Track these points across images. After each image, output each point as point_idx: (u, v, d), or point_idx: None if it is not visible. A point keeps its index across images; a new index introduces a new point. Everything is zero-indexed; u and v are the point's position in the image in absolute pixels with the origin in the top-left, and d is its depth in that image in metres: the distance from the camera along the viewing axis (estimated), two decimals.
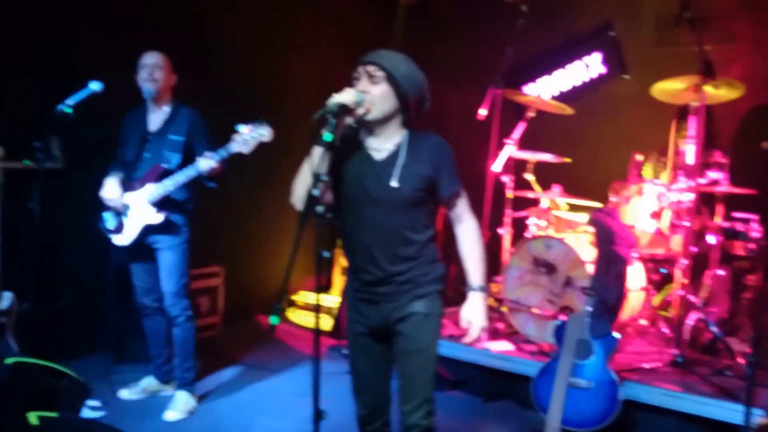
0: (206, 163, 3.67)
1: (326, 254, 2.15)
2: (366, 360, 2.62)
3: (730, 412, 3.42)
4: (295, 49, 6.06)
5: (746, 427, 3.15)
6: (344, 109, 2.34)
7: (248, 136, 3.58)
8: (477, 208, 2.72)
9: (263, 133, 3.59)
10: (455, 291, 4.40)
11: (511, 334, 4.49)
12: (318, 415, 2.19)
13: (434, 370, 2.54)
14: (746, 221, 4.36)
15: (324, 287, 6.38)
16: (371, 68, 2.42)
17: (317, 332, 2.19)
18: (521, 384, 3.93)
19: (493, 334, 4.49)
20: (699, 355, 4.24)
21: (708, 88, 4.21)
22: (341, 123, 2.36)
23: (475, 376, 4.33)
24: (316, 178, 2.21)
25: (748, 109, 5.41)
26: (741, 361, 3.90)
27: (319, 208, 2.15)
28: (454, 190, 2.52)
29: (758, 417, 3.24)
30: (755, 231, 4.30)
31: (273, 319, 2.09)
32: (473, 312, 2.51)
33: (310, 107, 2.30)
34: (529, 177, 4.88)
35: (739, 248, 4.45)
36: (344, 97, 2.33)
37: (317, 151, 2.29)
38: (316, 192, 2.17)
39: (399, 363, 2.54)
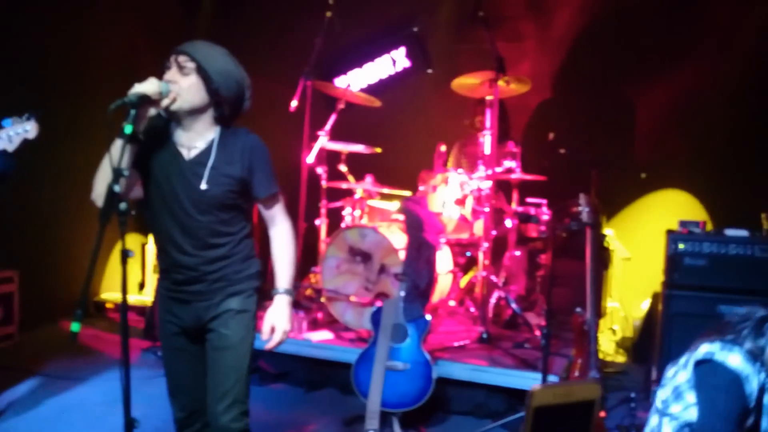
0: None
1: (130, 253, 2.03)
2: (181, 361, 2.52)
3: (530, 380, 3.73)
4: (96, 36, 5.63)
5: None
6: (146, 100, 2.20)
7: (12, 132, 3.25)
8: (293, 200, 2.72)
9: (28, 129, 3.26)
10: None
11: (331, 323, 4.56)
12: (130, 424, 2.07)
13: (247, 368, 2.46)
14: (538, 206, 4.78)
15: (139, 286, 6.07)
16: (182, 58, 2.31)
17: (125, 335, 2.07)
18: (342, 371, 4.00)
19: (313, 324, 4.54)
20: (502, 330, 4.59)
21: (501, 83, 4.54)
22: (143, 114, 2.23)
23: (297, 367, 4.34)
24: (117, 173, 2.05)
25: (536, 103, 5.93)
26: (538, 333, 4.27)
27: (122, 205, 2.01)
28: (268, 192, 2.46)
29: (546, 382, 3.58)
30: (545, 214, 4.73)
31: (74, 326, 1.91)
32: (277, 316, 2.48)
33: (112, 97, 2.15)
34: (343, 168, 4.97)
35: (532, 230, 4.87)
36: (146, 87, 2.21)
37: (117, 144, 2.15)
38: (117, 188, 2.03)
39: (210, 361, 2.44)
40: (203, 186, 2.33)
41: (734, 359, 2.25)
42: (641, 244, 5.38)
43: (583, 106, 5.62)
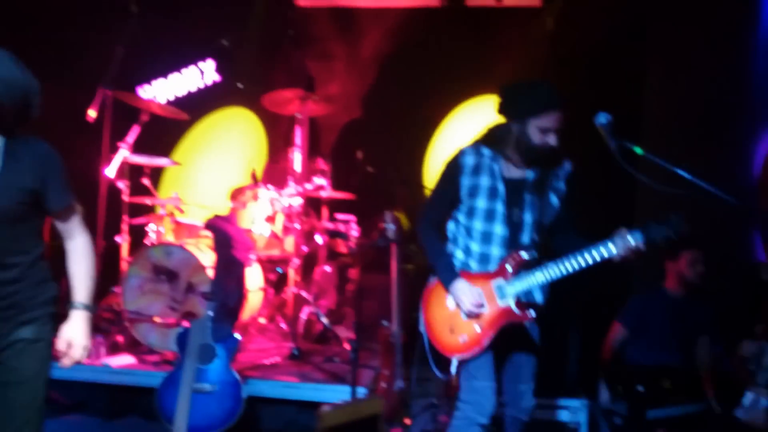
0: None
1: None
2: None
3: (340, 394, 3.79)
4: None
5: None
6: None
7: None
8: (90, 216, 2.55)
9: None
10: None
11: (133, 347, 4.31)
12: None
13: (41, 405, 2.28)
14: (347, 222, 4.89)
15: None
16: None
17: None
18: (146, 397, 3.78)
19: (113, 348, 4.26)
20: (313, 345, 4.62)
21: (310, 101, 4.60)
22: None
23: (95, 396, 4.04)
24: None
25: (344, 122, 6.07)
26: (347, 346, 4.35)
27: None
28: (64, 204, 2.30)
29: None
30: (354, 231, 4.85)
31: None
32: (74, 332, 2.33)
33: None
34: (146, 182, 4.74)
35: (342, 246, 4.97)
36: None
37: None
38: None
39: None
40: None
41: None
42: None
43: (390, 126, 5.84)
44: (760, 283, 4.15)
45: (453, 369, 2.87)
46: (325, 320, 4.60)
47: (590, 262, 2.69)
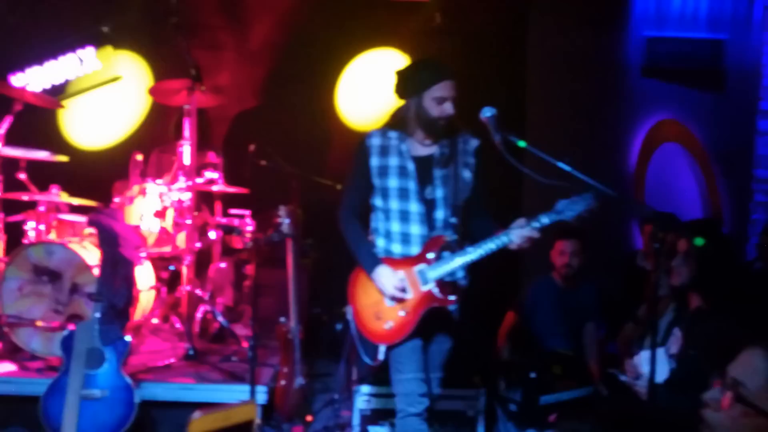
0: None
1: None
2: None
3: (238, 393, 3.73)
4: None
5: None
6: None
7: None
8: None
9: None
10: None
11: (13, 353, 4.05)
12: None
13: None
14: (242, 217, 4.78)
15: None
16: None
17: None
18: (29, 406, 3.57)
19: None
20: (210, 344, 4.51)
21: (199, 92, 4.45)
22: None
23: None
24: None
25: (236, 113, 5.93)
26: (245, 345, 4.27)
27: None
28: None
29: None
30: (249, 225, 4.75)
31: None
32: None
33: None
34: (23, 177, 4.42)
35: (237, 242, 4.86)
36: None
37: None
38: None
39: None
40: None
41: None
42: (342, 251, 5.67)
43: (283, 118, 5.75)
44: (638, 269, 4.44)
45: (381, 356, 2.87)
46: (221, 318, 4.49)
47: (498, 246, 2.76)
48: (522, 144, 2.73)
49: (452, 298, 2.85)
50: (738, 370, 2.62)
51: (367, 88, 5.78)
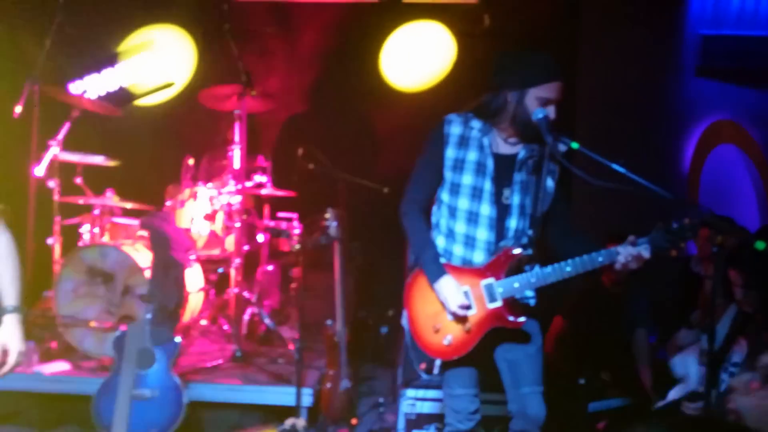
0: None
1: None
2: None
3: (284, 395, 3.75)
4: None
5: (298, 407, 3.50)
6: None
7: None
8: (19, 218, 2.44)
9: None
10: None
11: (68, 353, 4.15)
12: None
13: None
14: (289, 220, 4.83)
15: None
16: None
17: None
18: (82, 405, 3.65)
19: (46, 355, 4.10)
20: (257, 346, 4.55)
21: (249, 97, 4.52)
22: None
23: (27, 406, 3.89)
24: None
25: (285, 118, 5.99)
26: (292, 347, 4.30)
27: None
28: None
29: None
30: (296, 228, 4.79)
31: None
32: (8, 337, 2.25)
33: None
34: (79, 181, 4.55)
35: (284, 245, 4.90)
36: None
37: None
38: None
39: None
40: None
41: None
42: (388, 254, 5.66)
43: (331, 122, 5.79)
44: (692, 274, 4.30)
45: (436, 370, 2.68)
46: (268, 321, 4.53)
47: (590, 268, 2.51)
48: (575, 146, 2.53)
49: (522, 319, 2.55)
50: None
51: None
